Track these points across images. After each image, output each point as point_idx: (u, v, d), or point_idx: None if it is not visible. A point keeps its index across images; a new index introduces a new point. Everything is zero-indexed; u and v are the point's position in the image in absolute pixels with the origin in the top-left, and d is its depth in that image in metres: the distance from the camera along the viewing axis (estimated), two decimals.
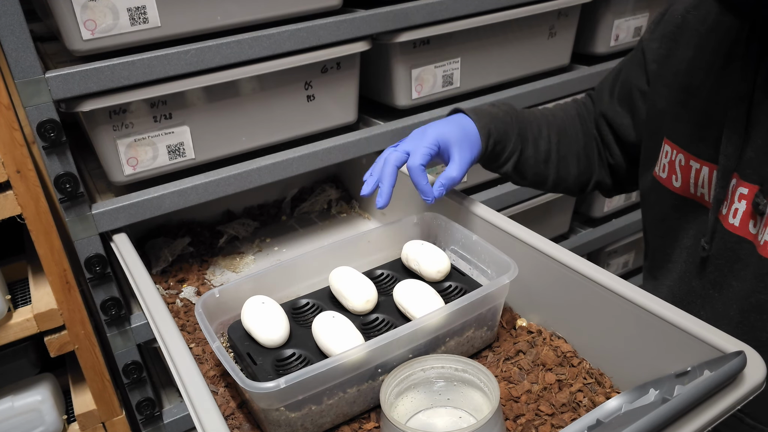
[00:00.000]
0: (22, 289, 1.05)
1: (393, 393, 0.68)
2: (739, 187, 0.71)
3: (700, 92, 0.76)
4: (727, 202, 0.73)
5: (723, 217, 0.73)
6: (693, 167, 0.77)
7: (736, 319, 0.73)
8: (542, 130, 0.93)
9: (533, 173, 0.93)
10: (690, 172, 0.78)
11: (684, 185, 0.79)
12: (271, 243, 1.14)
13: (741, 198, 0.71)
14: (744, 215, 0.71)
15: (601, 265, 1.30)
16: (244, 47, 0.92)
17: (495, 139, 0.87)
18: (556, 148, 0.94)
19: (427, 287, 0.78)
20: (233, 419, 0.72)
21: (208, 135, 0.98)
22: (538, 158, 0.92)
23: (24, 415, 0.99)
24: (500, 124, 0.89)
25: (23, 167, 0.84)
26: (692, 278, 0.80)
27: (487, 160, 0.90)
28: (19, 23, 0.77)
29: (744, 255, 0.71)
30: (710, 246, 0.75)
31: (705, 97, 0.75)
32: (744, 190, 0.70)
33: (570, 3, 1.23)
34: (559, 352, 0.77)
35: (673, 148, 0.80)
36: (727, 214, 0.73)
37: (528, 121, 0.93)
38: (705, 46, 0.76)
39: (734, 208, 0.72)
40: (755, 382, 0.57)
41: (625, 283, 0.69)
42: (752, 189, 0.70)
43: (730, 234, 0.72)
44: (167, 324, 0.70)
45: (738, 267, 0.73)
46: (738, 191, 0.71)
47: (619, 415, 0.58)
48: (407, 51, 1.10)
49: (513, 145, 0.90)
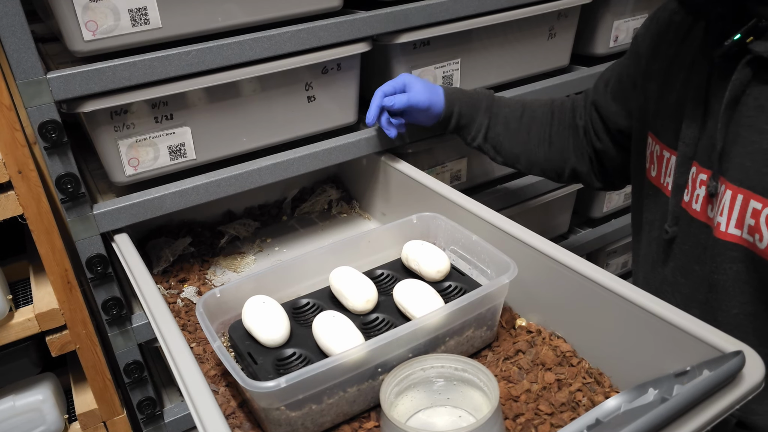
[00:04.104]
0: (23, 289, 1.06)
1: (393, 392, 0.68)
2: (699, 174, 0.75)
3: (674, 86, 0.80)
4: (689, 190, 0.77)
5: (686, 205, 0.77)
6: (665, 157, 0.82)
7: (703, 302, 0.76)
8: (515, 111, 1.02)
9: (505, 150, 1.03)
10: (662, 162, 0.82)
11: (657, 175, 0.84)
12: (272, 243, 1.15)
13: (701, 184, 0.75)
14: (703, 200, 0.75)
15: (601, 265, 1.31)
16: (244, 48, 0.92)
17: (460, 108, 1.02)
18: (526, 129, 1.02)
19: (427, 287, 0.78)
20: (234, 418, 0.72)
21: (209, 136, 0.98)
22: (508, 135, 1.02)
23: (25, 414, 0.99)
24: (468, 98, 1.03)
25: (25, 167, 0.84)
26: (663, 266, 0.83)
27: (458, 128, 1.04)
28: (20, 24, 0.77)
29: (703, 239, 0.75)
30: (673, 230, 0.79)
31: (677, 90, 0.80)
32: (703, 176, 0.74)
33: (570, 4, 1.23)
34: (558, 352, 0.77)
35: (653, 140, 0.84)
36: (690, 201, 0.77)
37: (501, 102, 1.04)
38: (683, 43, 0.80)
39: (696, 194, 0.76)
40: (754, 381, 0.57)
41: (624, 283, 0.70)
42: (708, 174, 0.73)
43: (693, 219, 0.76)
44: (168, 324, 0.70)
45: (698, 251, 0.76)
46: (699, 178, 0.75)
47: (618, 415, 0.58)
48: (407, 52, 1.10)
49: (481, 117, 1.02)
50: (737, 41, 0.67)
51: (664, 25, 0.85)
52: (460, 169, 1.27)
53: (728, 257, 0.71)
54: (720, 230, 0.71)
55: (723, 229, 0.71)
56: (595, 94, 0.99)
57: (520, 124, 1.02)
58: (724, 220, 0.70)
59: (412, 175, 1.02)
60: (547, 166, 1.04)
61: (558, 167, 1.03)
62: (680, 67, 0.80)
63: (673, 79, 0.81)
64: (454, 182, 1.27)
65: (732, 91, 0.69)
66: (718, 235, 0.72)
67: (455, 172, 1.27)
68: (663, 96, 0.82)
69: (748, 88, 0.69)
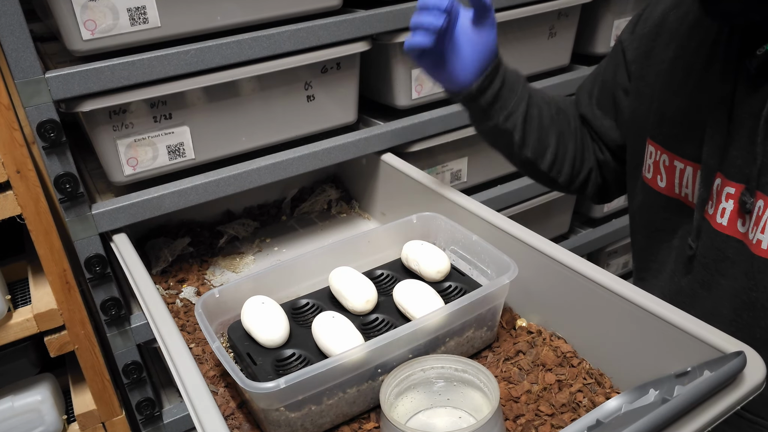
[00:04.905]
0: (22, 289, 1.05)
1: (393, 393, 0.68)
2: (726, 186, 0.72)
3: (682, 92, 0.77)
4: (713, 202, 0.74)
5: (710, 217, 0.74)
6: (677, 167, 0.78)
7: (729, 317, 0.74)
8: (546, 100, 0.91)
9: (536, 137, 0.88)
10: (674, 173, 0.79)
11: (669, 185, 0.80)
12: (271, 243, 1.14)
13: (728, 197, 0.71)
14: (732, 214, 0.71)
15: (601, 266, 1.30)
16: (244, 47, 0.92)
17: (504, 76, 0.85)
18: (557, 119, 0.91)
19: (427, 287, 0.78)
20: (233, 419, 0.72)
21: (208, 135, 0.98)
22: (542, 121, 0.89)
23: (24, 415, 0.99)
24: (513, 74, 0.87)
25: (23, 167, 0.84)
26: (680, 278, 0.80)
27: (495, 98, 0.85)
28: (19, 23, 0.77)
29: (732, 253, 0.72)
30: (697, 245, 0.76)
31: (687, 97, 0.76)
32: (731, 190, 0.71)
33: (570, 3, 1.23)
34: (559, 353, 0.77)
35: (657, 149, 0.81)
36: (714, 214, 0.73)
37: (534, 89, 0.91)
38: (686, 46, 0.77)
39: (722, 208, 0.72)
40: (755, 382, 0.57)
41: (625, 283, 0.69)
42: (738, 188, 0.70)
43: (718, 233, 0.73)
44: (167, 324, 0.70)
45: (725, 265, 0.73)
46: (725, 191, 0.72)
47: (619, 416, 0.58)
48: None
49: (520, 93, 0.86)
50: None
51: (655, 26, 0.82)
52: (460, 169, 1.27)
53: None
54: (761, 248, 0.69)
55: (765, 246, 0.68)
56: (580, 107, 0.94)
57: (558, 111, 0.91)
58: (765, 238, 0.68)
59: (412, 175, 1.02)
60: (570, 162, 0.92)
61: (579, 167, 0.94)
62: (686, 71, 0.77)
63: (677, 84, 0.78)
64: (454, 182, 1.27)
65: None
66: (758, 253, 0.69)
67: (455, 172, 1.26)
68: (666, 101, 0.79)
69: None
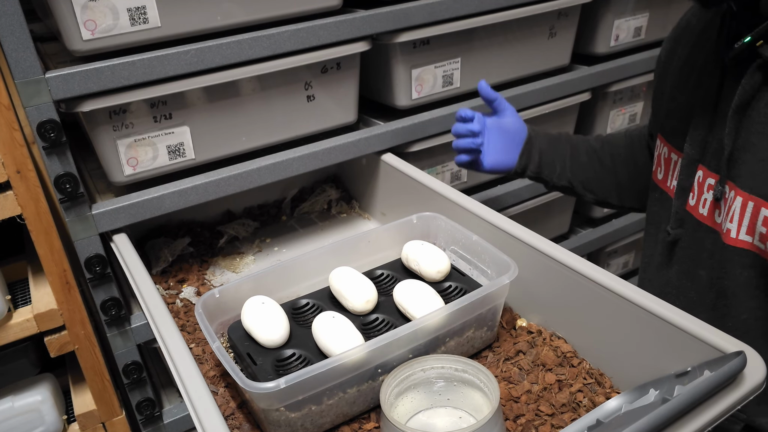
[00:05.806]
0: (22, 290, 1.05)
1: (393, 393, 0.68)
2: (707, 178, 0.74)
3: (685, 88, 0.79)
4: (694, 193, 0.76)
5: (693, 208, 0.76)
6: (672, 159, 0.81)
7: (709, 308, 0.76)
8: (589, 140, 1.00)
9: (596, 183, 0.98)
10: (669, 165, 0.81)
11: (664, 178, 0.83)
12: (271, 243, 1.14)
13: (709, 188, 0.74)
14: (711, 205, 0.74)
15: (601, 266, 1.31)
16: (244, 47, 0.92)
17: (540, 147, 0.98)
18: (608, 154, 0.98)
19: (427, 287, 0.78)
20: (233, 419, 0.72)
21: (208, 135, 0.98)
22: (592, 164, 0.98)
23: (24, 415, 0.99)
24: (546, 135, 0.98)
25: (23, 167, 0.84)
26: (667, 268, 0.82)
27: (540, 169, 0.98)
28: (19, 23, 0.77)
29: (709, 244, 0.74)
30: (674, 232, 0.78)
31: (688, 92, 0.78)
32: (711, 181, 0.73)
33: (570, 3, 1.23)
34: (559, 353, 0.77)
35: (662, 142, 0.83)
36: (696, 205, 0.76)
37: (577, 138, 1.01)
38: (695, 44, 0.79)
39: (703, 199, 0.75)
40: (755, 382, 0.57)
41: (625, 283, 0.69)
42: (716, 179, 0.72)
43: (700, 224, 0.75)
44: (167, 324, 0.70)
45: (704, 256, 0.75)
46: (706, 182, 0.74)
47: (619, 416, 0.58)
48: (407, 51, 1.09)
49: (563, 148, 0.98)
50: (748, 44, 0.66)
51: (681, 28, 0.84)
52: (460, 169, 1.27)
53: (739, 263, 0.70)
54: (730, 237, 0.70)
55: (734, 235, 0.70)
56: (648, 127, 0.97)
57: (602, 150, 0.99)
58: (734, 227, 0.69)
59: (412, 175, 1.02)
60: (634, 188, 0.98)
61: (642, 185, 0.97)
62: (692, 67, 0.78)
63: (685, 80, 0.79)
64: (454, 182, 1.27)
65: (741, 96, 0.67)
66: (728, 241, 0.71)
67: (455, 172, 1.26)
68: (674, 97, 0.81)
69: (758, 92, 0.67)
